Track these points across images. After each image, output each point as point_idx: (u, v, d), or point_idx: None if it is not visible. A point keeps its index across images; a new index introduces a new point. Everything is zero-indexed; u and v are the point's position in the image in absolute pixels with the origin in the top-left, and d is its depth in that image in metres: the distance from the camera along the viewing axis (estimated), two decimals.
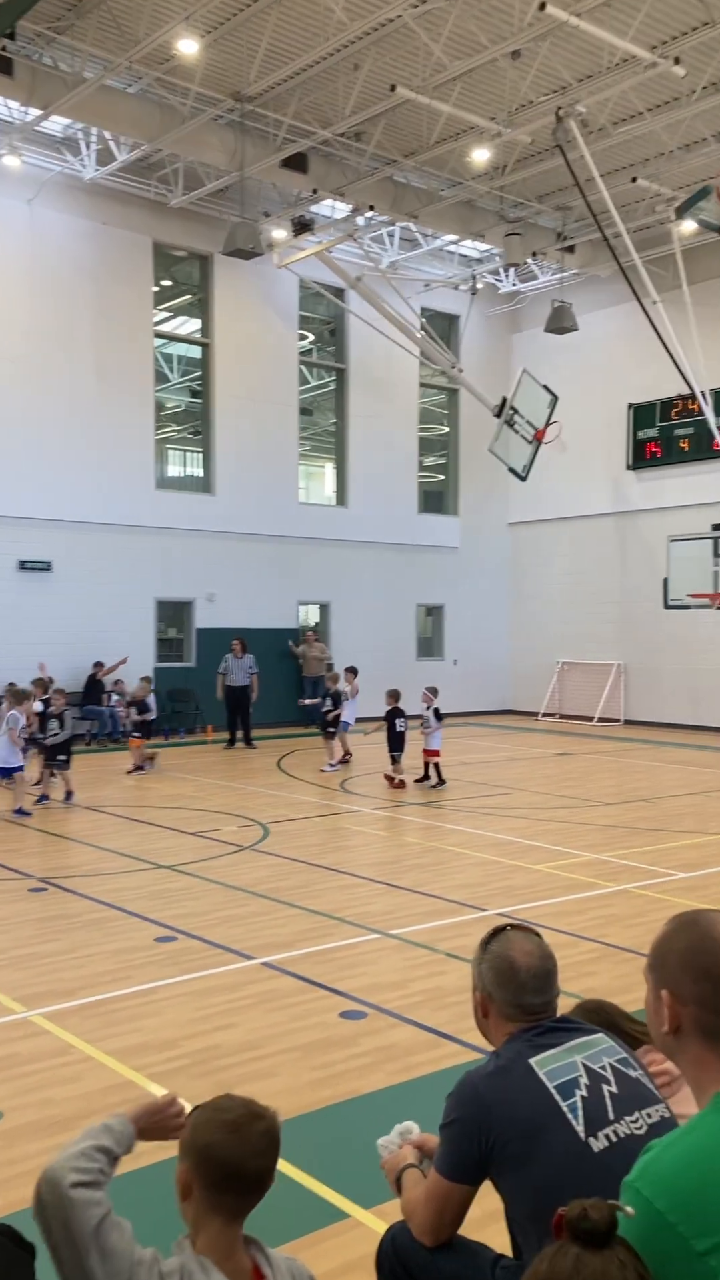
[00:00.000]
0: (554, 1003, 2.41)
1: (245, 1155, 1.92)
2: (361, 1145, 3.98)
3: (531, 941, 2.45)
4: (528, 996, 2.37)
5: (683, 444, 20.40)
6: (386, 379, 21.66)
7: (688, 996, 1.72)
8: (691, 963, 1.73)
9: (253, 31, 13.30)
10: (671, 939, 1.79)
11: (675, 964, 1.75)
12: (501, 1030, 2.42)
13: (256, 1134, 1.95)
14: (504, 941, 2.44)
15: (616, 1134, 2.18)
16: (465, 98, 14.60)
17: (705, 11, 12.48)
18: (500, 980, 2.39)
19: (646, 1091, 2.29)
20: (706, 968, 1.71)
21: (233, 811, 11.34)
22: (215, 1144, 1.93)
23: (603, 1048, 2.33)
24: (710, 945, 1.73)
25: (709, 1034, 1.71)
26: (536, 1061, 2.26)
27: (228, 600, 19.62)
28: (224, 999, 5.60)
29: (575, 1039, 2.33)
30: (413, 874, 8.54)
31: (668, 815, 11.51)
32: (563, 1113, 2.19)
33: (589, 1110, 2.20)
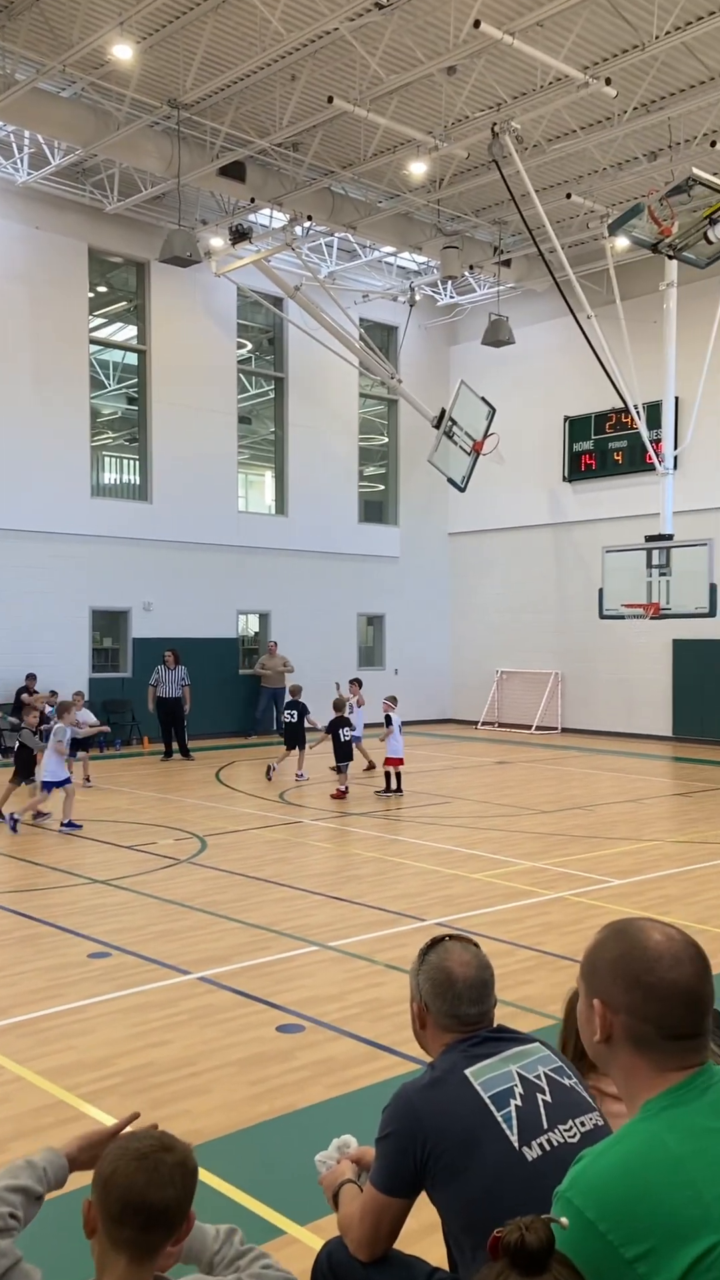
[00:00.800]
0: (490, 1013, 2.40)
1: (148, 1185, 1.79)
2: (298, 1161, 3.93)
3: (469, 952, 2.44)
4: (464, 1007, 2.36)
5: (617, 457, 20.76)
6: (326, 389, 21.69)
7: (619, 1005, 1.72)
8: (622, 971, 1.72)
9: (189, 39, 13.25)
10: (602, 947, 1.78)
11: (606, 972, 1.75)
12: (438, 1041, 2.41)
13: (164, 1165, 1.82)
14: (442, 952, 2.44)
15: (550, 1142, 2.18)
16: (402, 111, 14.72)
17: (635, 35, 12.76)
18: (437, 991, 2.39)
19: (580, 1099, 2.29)
20: (636, 975, 1.71)
21: (170, 824, 11.19)
22: (118, 1172, 1.81)
23: (538, 1056, 2.33)
24: (640, 953, 1.72)
25: (639, 1042, 1.70)
26: (472, 1072, 2.25)
27: (165, 610, 19.42)
28: (159, 1015, 5.51)
29: (511, 1048, 2.33)
30: (352, 885, 8.51)
31: (603, 823, 11.65)
32: (497, 1123, 2.19)
33: (523, 1119, 2.19)
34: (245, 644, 21.07)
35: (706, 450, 18.77)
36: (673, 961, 1.70)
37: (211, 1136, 4.18)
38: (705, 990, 1.72)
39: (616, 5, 12.31)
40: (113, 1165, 1.83)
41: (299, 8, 12.41)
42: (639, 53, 12.89)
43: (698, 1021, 1.70)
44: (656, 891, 8.27)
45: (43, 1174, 2.00)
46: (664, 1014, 1.68)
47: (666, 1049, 1.69)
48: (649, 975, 1.70)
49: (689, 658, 19.59)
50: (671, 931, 1.76)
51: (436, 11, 12.51)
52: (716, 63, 13.55)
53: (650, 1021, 1.69)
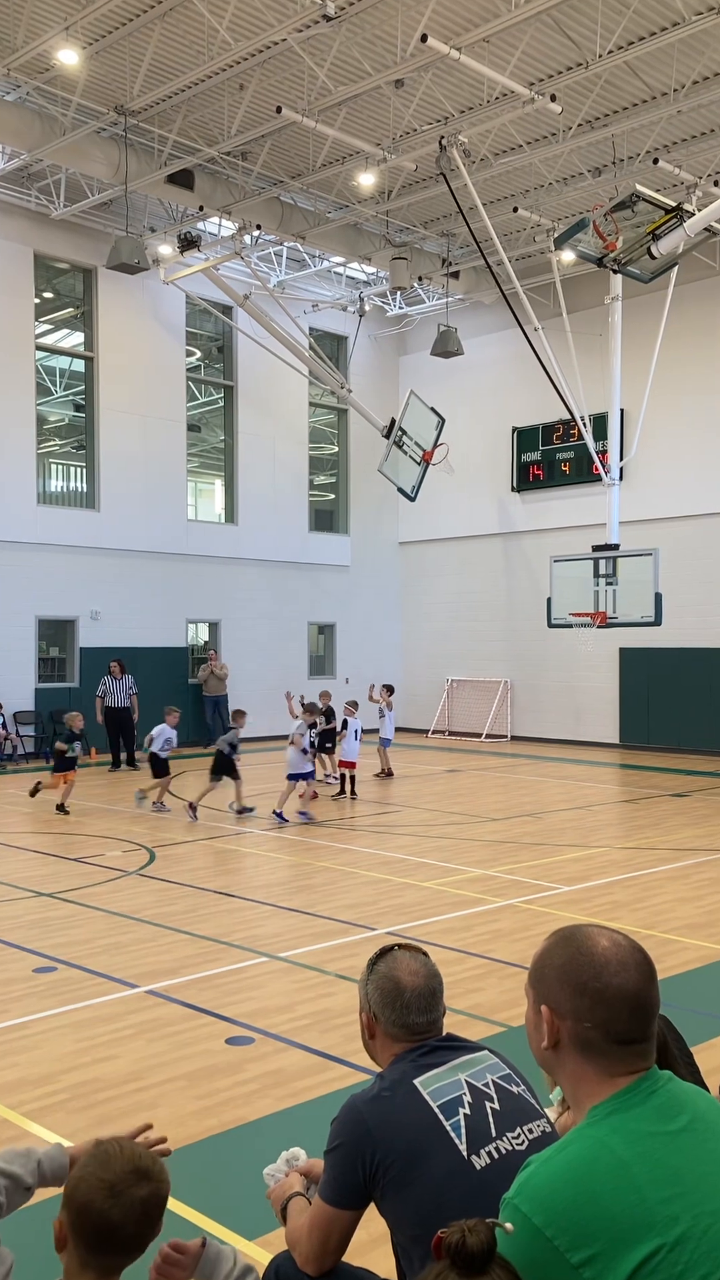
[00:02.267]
0: (439, 1021, 2.40)
1: (123, 1221, 1.81)
2: (246, 1175, 3.89)
3: (418, 961, 2.44)
4: (413, 1016, 2.36)
5: (564, 467, 21.01)
6: (275, 397, 21.67)
7: (566, 1011, 1.73)
8: (569, 978, 1.74)
9: (136, 46, 13.19)
10: (550, 954, 1.80)
11: (553, 979, 1.76)
12: (388, 1050, 2.41)
13: (137, 1200, 1.82)
14: (391, 961, 2.44)
15: (499, 1150, 2.19)
16: (350, 122, 14.79)
17: (579, 53, 12.97)
18: (386, 1000, 2.39)
19: (529, 1106, 2.30)
20: (584, 982, 1.72)
21: (118, 836, 11.05)
22: (92, 1205, 1.81)
23: (487, 1064, 2.33)
24: (586, 960, 1.74)
25: (586, 1048, 1.72)
26: (421, 1081, 2.25)
27: (113, 619, 19.22)
28: (105, 1029, 5.42)
29: (460, 1057, 2.33)
30: (302, 895, 8.47)
31: (552, 830, 11.75)
32: (446, 1132, 2.19)
33: (472, 1128, 2.19)
34: (195, 653, 20.93)
35: (651, 462, 19.09)
36: (619, 967, 1.72)
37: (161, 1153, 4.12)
38: (651, 995, 1.73)
39: (561, 24, 12.51)
40: (82, 1192, 1.82)
41: (247, 18, 12.43)
42: (583, 70, 13.10)
43: (644, 1026, 1.72)
44: (604, 897, 8.36)
45: (36, 1167, 1.97)
46: (610, 1019, 1.70)
47: (613, 1054, 1.70)
48: (596, 981, 1.71)
49: (635, 666, 19.87)
50: (618, 937, 1.78)
51: (384, 25, 12.60)
52: (658, 82, 13.82)
53: (597, 1027, 1.70)
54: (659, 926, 7.46)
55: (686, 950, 6.88)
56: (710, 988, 6.24)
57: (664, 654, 19.35)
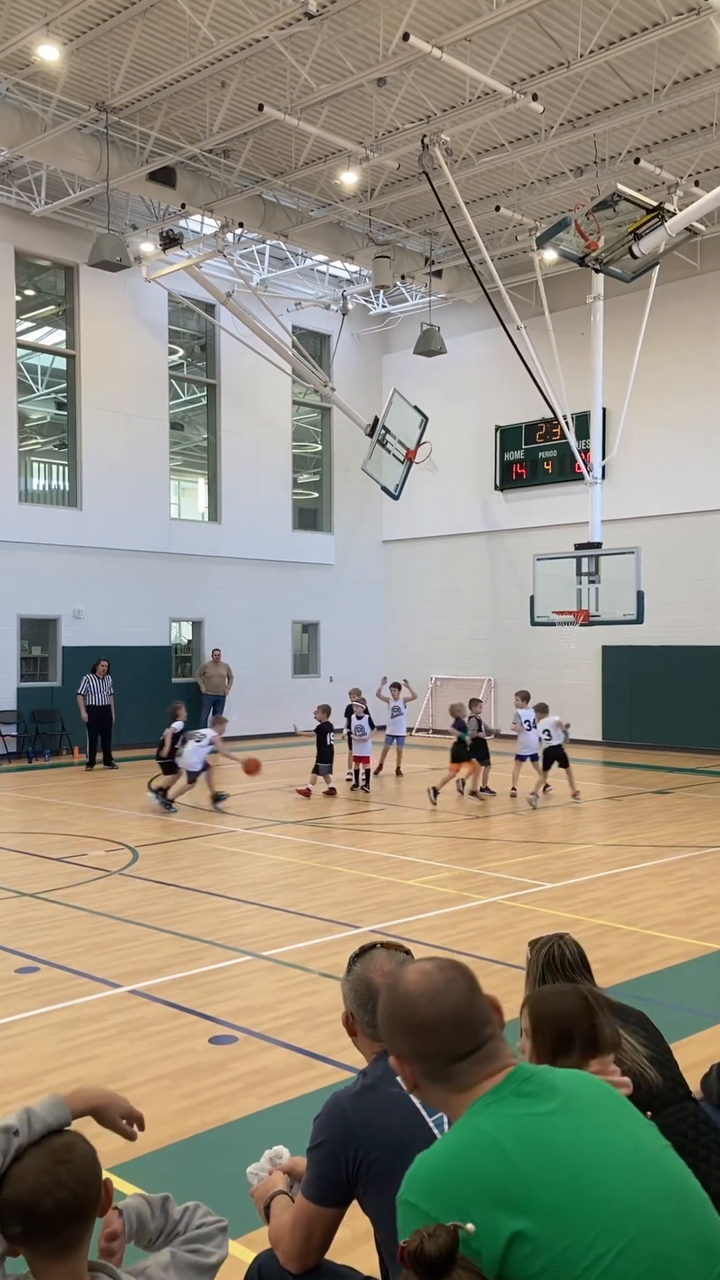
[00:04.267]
0: None
1: (37, 1199, 1.77)
2: (231, 1173, 3.89)
3: (394, 961, 2.45)
4: None
5: (547, 466, 21.07)
6: (259, 396, 21.63)
7: (405, 1053, 1.83)
8: (395, 1024, 1.84)
9: (117, 43, 13.13)
10: (381, 1009, 1.90)
11: (387, 1030, 1.87)
12: (369, 1048, 2.42)
13: (44, 1173, 1.79)
14: (367, 962, 2.45)
15: None
16: (333, 121, 14.78)
17: (560, 53, 13.01)
18: (360, 1001, 2.40)
19: None
20: (405, 1022, 1.82)
21: (101, 835, 11.02)
22: (10, 1197, 1.79)
23: None
24: (401, 1001, 1.83)
25: (435, 1077, 1.81)
26: None
27: (96, 618, 19.15)
28: (89, 1029, 5.41)
29: None
30: (286, 893, 8.47)
31: (536, 827, 11.79)
32: (429, 1127, 2.20)
33: None
34: (178, 652, 20.88)
35: (633, 461, 19.17)
36: (430, 997, 1.81)
37: (143, 1151, 4.12)
38: (472, 1007, 1.81)
39: (542, 23, 12.54)
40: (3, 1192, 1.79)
41: (228, 15, 12.39)
42: (564, 70, 13.14)
43: (474, 1036, 1.79)
44: (587, 894, 8.40)
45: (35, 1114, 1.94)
46: (441, 1044, 1.78)
47: (458, 1071, 1.78)
48: (414, 1018, 1.80)
49: (618, 664, 19.96)
50: (427, 965, 1.87)
51: (366, 23, 12.59)
52: (639, 82, 13.87)
53: (434, 1057, 1.79)
54: (641, 923, 7.50)
55: (668, 946, 6.92)
56: (691, 984, 6.28)
57: (646, 652, 19.44)
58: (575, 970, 2.95)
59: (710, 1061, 3.58)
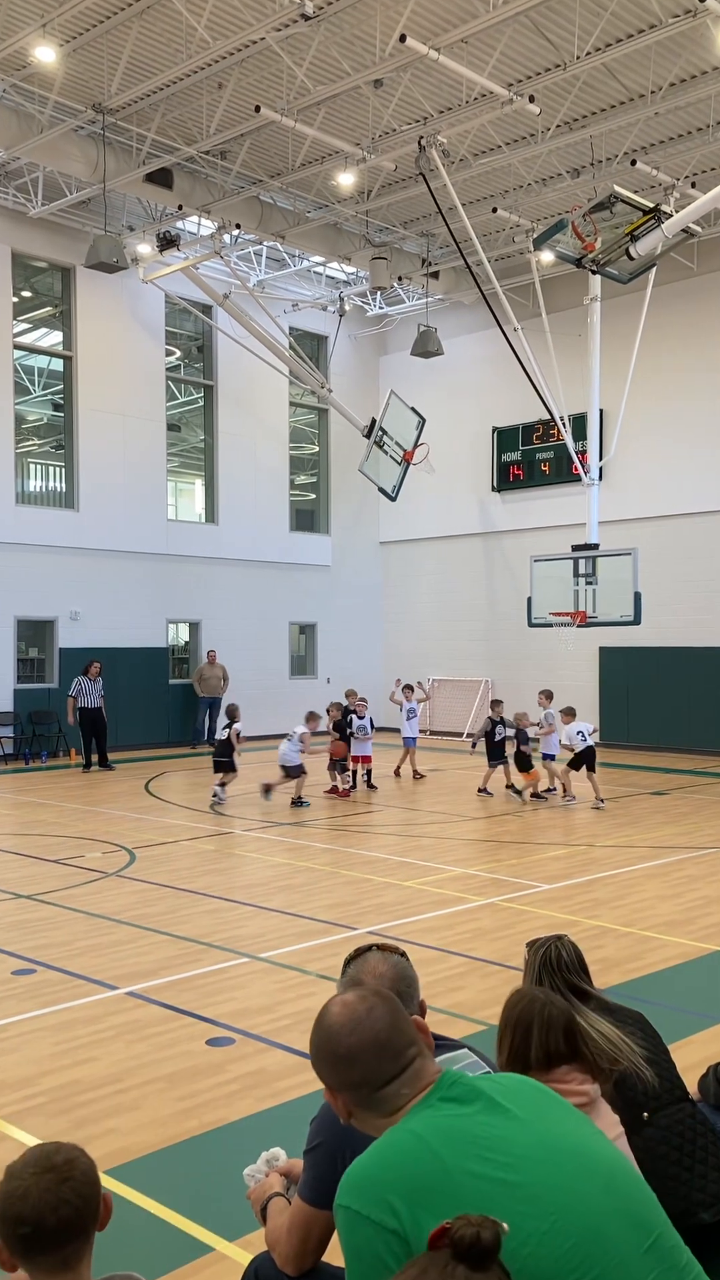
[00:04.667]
0: None
1: (37, 1214, 1.75)
2: (227, 1176, 3.88)
3: (387, 963, 2.44)
4: None
5: (544, 467, 21.08)
6: (256, 397, 21.63)
7: (334, 1085, 1.88)
8: (322, 1058, 1.89)
9: (113, 44, 13.13)
10: (311, 1045, 1.94)
11: (317, 1064, 1.92)
12: None
13: (44, 1189, 1.77)
14: (360, 964, 2.44)
15: None
16: (329, 122, 14.78)
17: (557, 55, 13.02)
18: None
19: None
20: (329, 1054, 1.87)
21: (98, 837, 11.00)
22: (5, 1211, 1.77)
23: (466, 1063, 2.34)
24: (325, 1035, 1.88)
25: (365, 1104, 1.86)
26: None
27: (92, 619, 19.13)
28: (85, 1031, 5.40)
29: (440, 1055, 2.33)
30: (283, 895, 8.46)
31: (532, 828, 11.79)
32: None
33: None
34: (175, 653, 20.86)
35: (630, 462, 19.18)
36: (351, 1027, 1.85)
37: (139, 1154, 4.11)
38: (394, 1033, 1.86)
39: (539, 25, 12.55)
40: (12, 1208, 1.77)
41: (225, 16, 12.40)
42: (561, 72, 13.15)
43: (398, 1059, 1.84)
44: (584, 895, 8.40)
45: None
46: (366, 1072, 1.83)
47: (387, 1095, 1.83)
48: (338, 1049, 1.86)
49: (615, 665, 19.96)
50: (348, 996, 1.92)
51: (363, 25, 12.60)
52: (635, 84, 13.89)
53: (360, 1085, 1.84)
54: (638, 924, 7.50)
55: (666, 947, 6.92)
56: (689, 985, 6.28)
57: (643, 653, 19.45)
58: (572, 972, 2.94)
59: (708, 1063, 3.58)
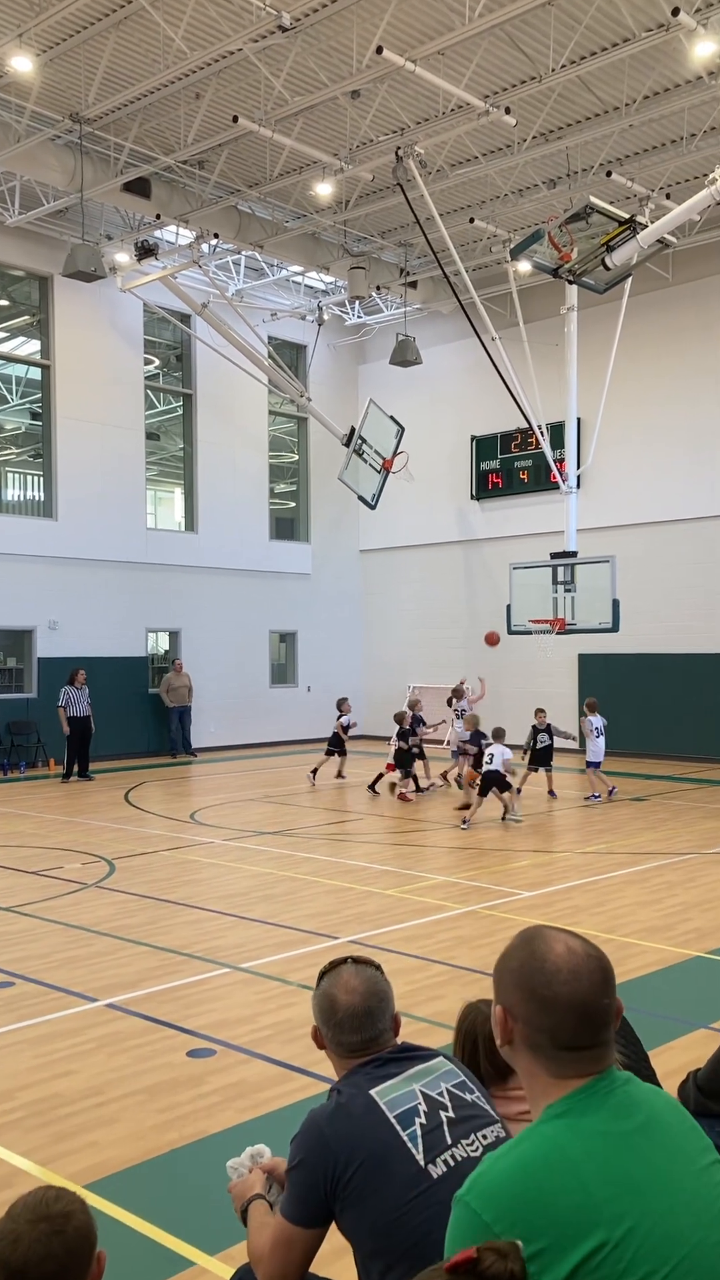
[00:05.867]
0: (381, 1037, 2.39)
1: (24, 1265, 1.75)
2: (208, 1189, 3.86)
3: (360, 977, 2.43)
4: (345, 1035, 2.37)
5: (523, 475, 21.19)
6: (235, 405, 21.63)
7: (517, 1014, 1.76)
8: (521, 982, 1.77)
9: (90, 54, 13.13)
10: (509, 957, 1.83)
11: (509, 981, 1.79)
12: (339, 1063, 2.41)
13: (35, 1240, 1.77)
14: (333, 978, 2.44)
15: (454, 1158, 2.20)
16: (307, 133, 14.83)
17: (532, 67, 13.13)
18: (324, 1017, 2.41)
19: (483, 1113, 2.31)
20: (533, 988, 1.75)
21: (77, 848, 10.94)
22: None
23: (441, 1072, 2.34)
24: (539, 966, 1.76)
25: (535, 1049, 1.75)
26: (377, 1093, 2.26)
27: (71, 629, 19.04)
28: (65, 1044, 5.36)
29: (414, 1066, 2.34)
30: (264, 905, 8.44)
31: (513, 835, 11.81)
32: (404, 1143, 2.19)
33: (428, 1138, 2.21)
34: (155, 663, 20.79)
35: (607, 470, 19.31)
36: (569, 976, 1.74)
37: (119, 1167, 4.09)
38: (601, 1004, 1.75)
39: (514, 38, 12.65)
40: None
41: (202, 27, 12.43)
42: (536, 84, 13.26)
43: (594, 1034, 1.74)
44: (565, 902, 8.42)
45: None
46: (557, 1026, 1.72)
47: (561, 1059, 1.73)
48: (545, 989, 1.74)
49: (594, 671, 20.06)
50: (575, 944, 1.79)
51: (340, 36, 12.66)
52: (610, 96, 14.03)
53: (544, 1032, 1.73)
54: (618, 930, 7.53)
55: (646, 953, 6.95)
56: (668, 991, 6.31)
57: (622, 660, 19.56)
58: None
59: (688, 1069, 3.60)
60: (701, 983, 6.45)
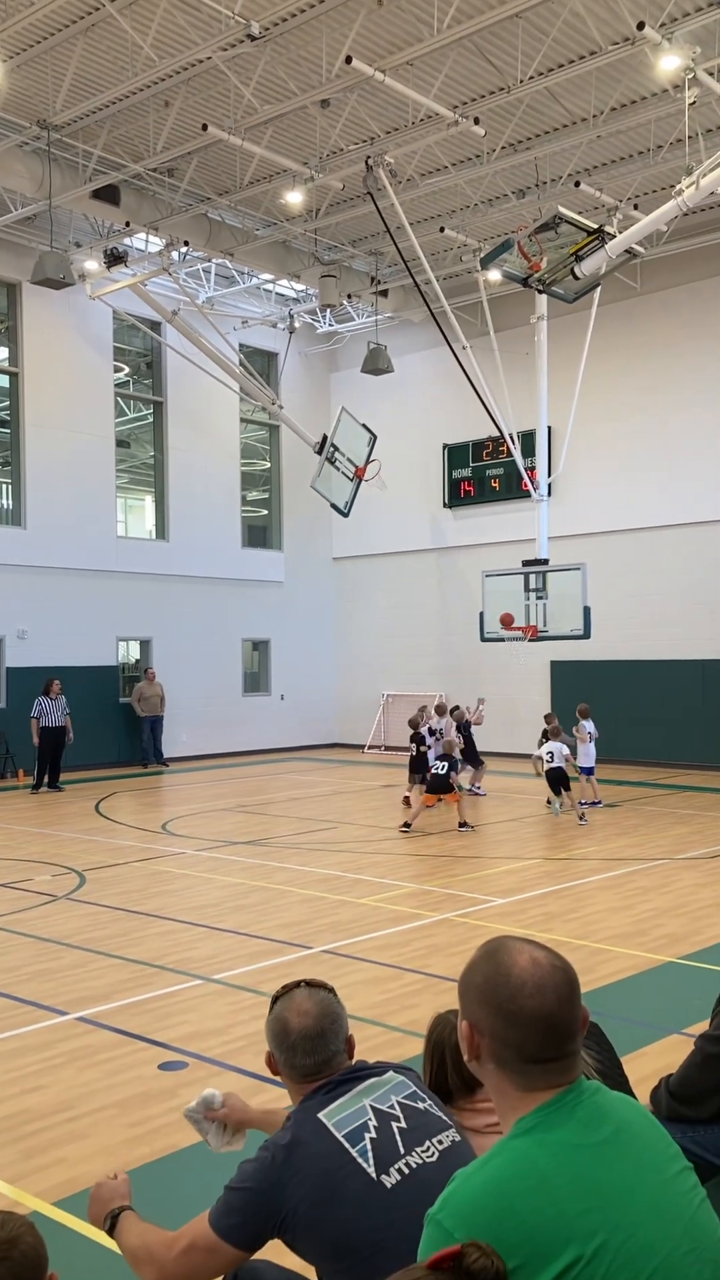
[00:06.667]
0: (334, 1059, 2.36)
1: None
2: (179, 1204, 3.81)
3: (313, 1000, 2.40)
4: (298, 1059, 2.35)
5: (494, 483, 21.29)
6: (206, 413, 21.58)
7: (483, 1028, 1.76)
8: (487, 997, 1.76)
9: (58, 61, 13.07)
10: (473, 970, 1.81)
11: (473, 996, 1.79)
12: (294, 1088, 2.40)
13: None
14: (286, 1001, 2.42)
15: (408, 1165, 2.19)
16: (277, 141, 14.85)
17: (501, 78, 13.23)
18: (277, 1041, 2.39)
19: (435, 1119, 2.31)
20: (498, 1003, 1.74)
21: (47, 860, 10.82)
22: None
23: (391, 1085, 2.32)
24: (503, 980, 1.75)
25: (502, 1063, 1.74)
26: (325, 1114, 2.24)
27: (41, 638, 18.88)
28: (34, 1059, 5.29)
29: (364, 1083, 2.32)
30: (237, 915, 8.39)
31: (486, 842, 11.83)
32: (354, 1159, 2.18)
33: (378, 1150, 2.19)
34: (125, 672, 20.65)
35: (578, 478, 19.44)
36: (534, 989, 1.73)
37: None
38: (567, 1015, 1.75)
39: (483, 49, 12.74)
40: None
41: (171, 35, 12.41)
42: (505, 95, 13.35)
43: (561, 1045, 1.73)
44: (538, 909, 8.43)
45: None
46: (525, 1040, 1.72)
47: (529, 1072, 1.72)
48: (510, 1003, 1.73)
49: (566, 678, 20.16)
50: (540, 956, 1.79)
51: (309, 46, 12.69)
52: (577, 108, 14.16)
53: (511, 1046, 1.72)
54: (591, 937, 7.54)
55: (617, 959, 6.97)
56: (640, 997, 6.33)
57: (593, 666, 19.67)
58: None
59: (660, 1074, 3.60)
60: (673, 988, 6.48)
